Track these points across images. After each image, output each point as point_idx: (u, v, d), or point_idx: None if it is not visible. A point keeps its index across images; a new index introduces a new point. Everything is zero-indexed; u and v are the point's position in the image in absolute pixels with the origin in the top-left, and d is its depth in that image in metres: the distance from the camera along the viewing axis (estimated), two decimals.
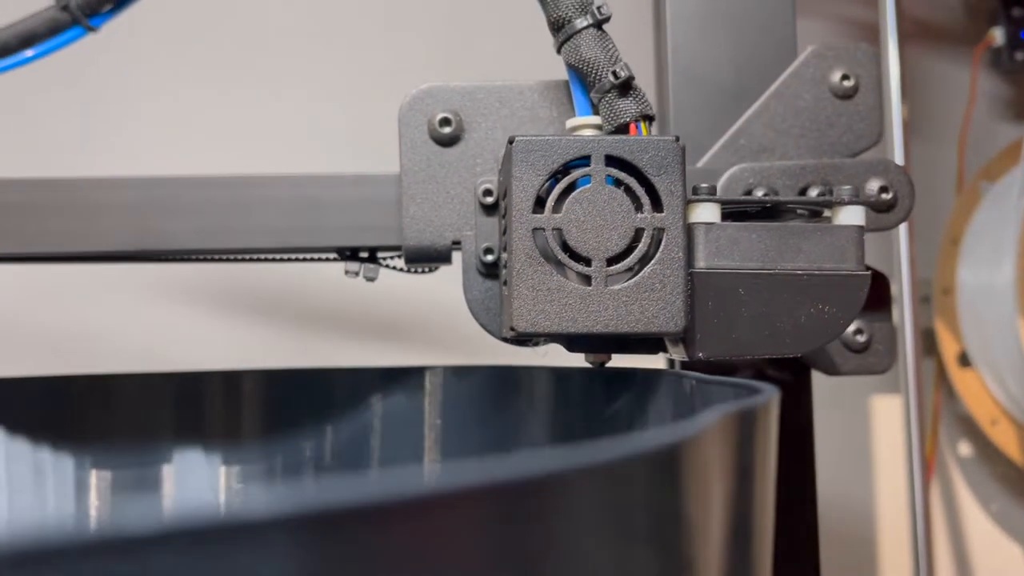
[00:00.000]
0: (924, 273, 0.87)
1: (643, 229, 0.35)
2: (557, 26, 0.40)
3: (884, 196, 0.43)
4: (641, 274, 0.35)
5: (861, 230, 0.37)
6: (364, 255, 0.46)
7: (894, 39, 0.78)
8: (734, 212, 0.38)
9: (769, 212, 0.39)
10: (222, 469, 0.51)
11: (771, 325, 0.36)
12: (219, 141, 0.80)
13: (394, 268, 0.46)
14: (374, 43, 0.83)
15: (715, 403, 0.31)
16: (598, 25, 0.40)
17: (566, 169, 0.35)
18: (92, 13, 0.50)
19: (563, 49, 0.40)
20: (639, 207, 0.35)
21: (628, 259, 0.35)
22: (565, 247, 0.35)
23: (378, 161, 0.48)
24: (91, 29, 0.50)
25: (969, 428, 0.91)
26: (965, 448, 0.93)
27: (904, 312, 0.76)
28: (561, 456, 0.17)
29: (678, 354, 0.37)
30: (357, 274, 0.45)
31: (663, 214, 0.35)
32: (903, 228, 0.76)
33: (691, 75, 0.49)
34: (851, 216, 0.37)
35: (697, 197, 0.36)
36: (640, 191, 0.35)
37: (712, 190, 0.37)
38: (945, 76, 0.94)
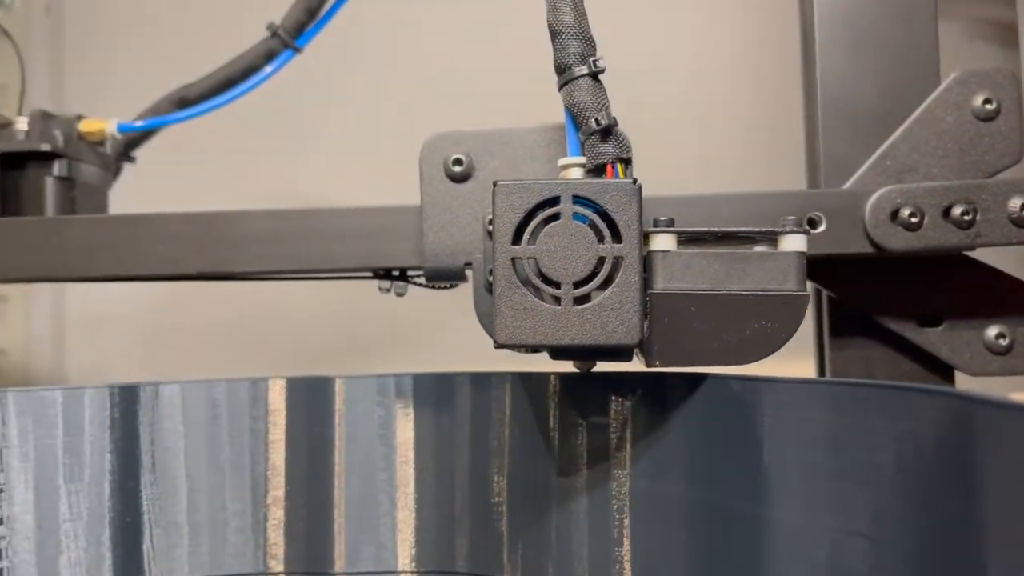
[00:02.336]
0: None
1: (605, 257, 0.41)
2: (560, 70, 0.47)
3: None
4: (603, 295, 0.41)
5: (802, 256, 0.42)
6: (396, 274, 0.53)
7: None
8: (695, 238, 0.44)
9: (727, 238, 0.44)
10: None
11: (719, 339, 0.42)
12: None
13: (420, 285, 0.53)
14: None
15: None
16: (594, 75, 0.46)
17: (543, 206, 0.42)
18: (297, 34, 0.59)
19: (563, 91, 0.47)
20: (602, 239, 0.41)
21: (592, 283, 0.41)
22: (539, 273, 0.42)
23: None
24: (297, 50, 0.59)
25: None
26: None
27: None
28: None
29: (641, 363, 0.43)
30: (388, 290, 0.53)
31: (622, 244, 0.41)
32: None
33: (839, 101, 0.55)
34: (793, 243, 0.42)
35: (656, 228, 0.43)
36: (602, 225, 0.41)
37: (670, 222, 0.43)
38: None
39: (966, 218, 0.49)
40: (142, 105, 0.65)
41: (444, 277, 0.50)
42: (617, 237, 0.41)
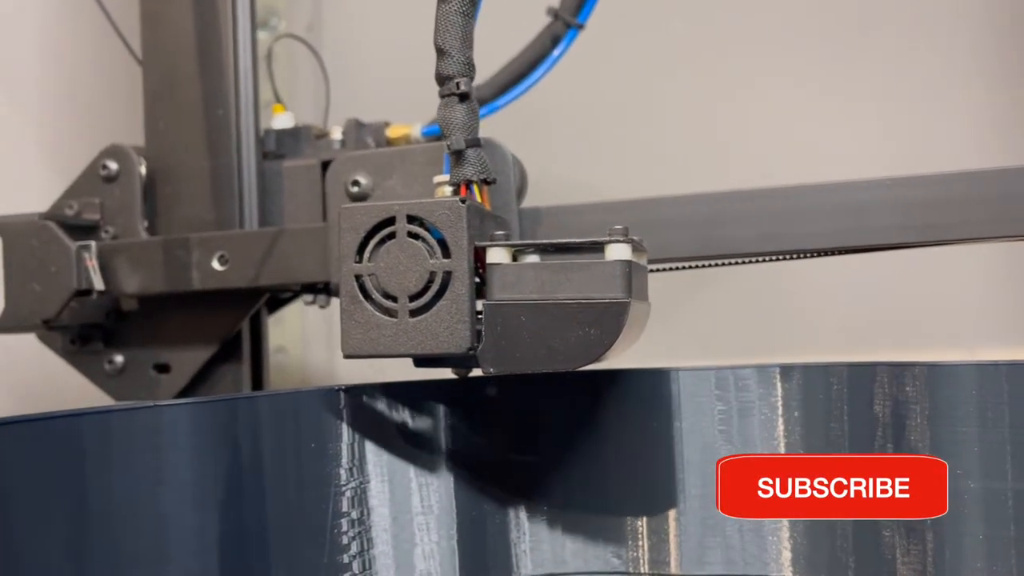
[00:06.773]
0: None
1: (436, 272, 0.44)
2: (439, 82, 0.49)
3: None
4: (435, 308, 0.44)
5: (626, 264, 0.44)
6: (320, 287, 0.58)
7: None
8: (542, 249, 0.46)
9: (563, 249, 0.46)
10: None
11: (547, 345, 0.44)
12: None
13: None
14: None
15: None
16: (461, 97, 0.49)
17: (382, 225, 0.45)
18: (576, 11, 0.60)
19: (439, 104, 0.49)
20: (433, 255, 0.45)
21: (425, 296, 0.44)
22: (379, 288, 0.45)
23: None
24: (580, 27, 0.60)
25: None
26: None
27: None
28: None
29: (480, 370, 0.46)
30: (313, 302, 0.58)
31: (451, 260, 0.44)
32: None
33: None
34: (617, 252, 0.44)
35: (491, 243, 0.45)
36: (433, 242, 0.44)
37: (506, 236, 0.45)
38: None
39: None
40: (396, 109, 0.66)
41: None
42: (447, 253, 0.44)
